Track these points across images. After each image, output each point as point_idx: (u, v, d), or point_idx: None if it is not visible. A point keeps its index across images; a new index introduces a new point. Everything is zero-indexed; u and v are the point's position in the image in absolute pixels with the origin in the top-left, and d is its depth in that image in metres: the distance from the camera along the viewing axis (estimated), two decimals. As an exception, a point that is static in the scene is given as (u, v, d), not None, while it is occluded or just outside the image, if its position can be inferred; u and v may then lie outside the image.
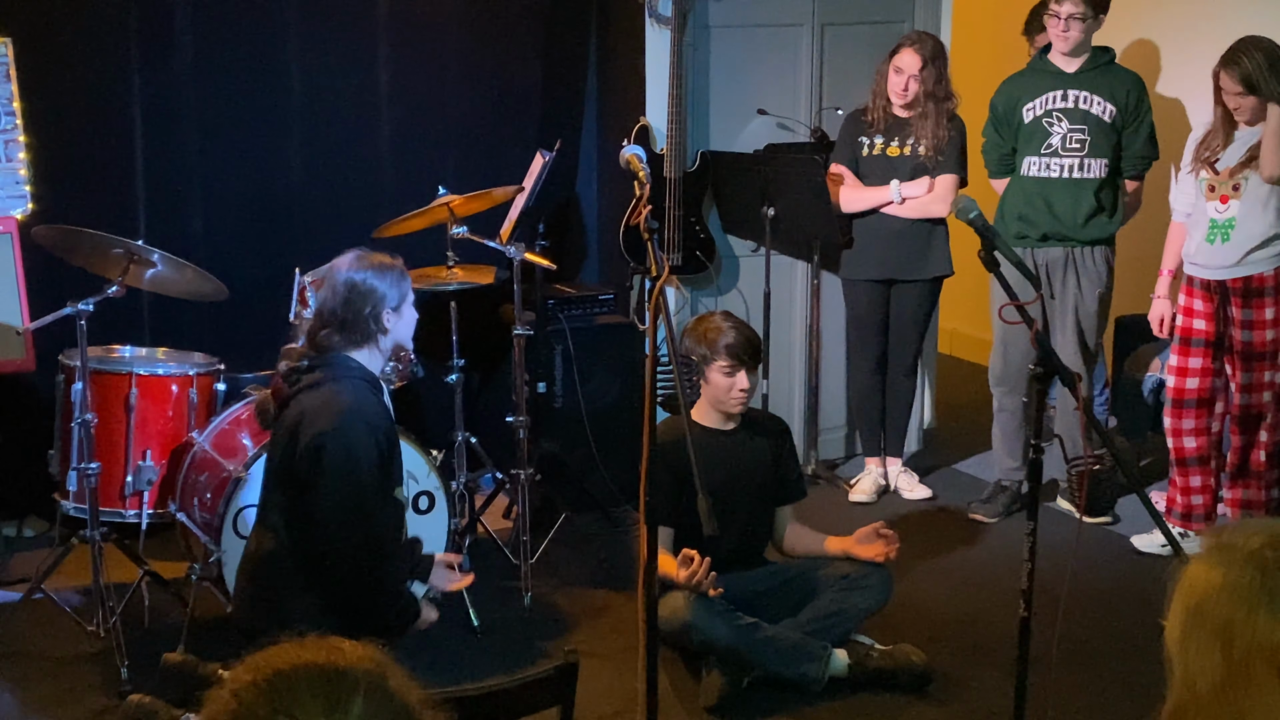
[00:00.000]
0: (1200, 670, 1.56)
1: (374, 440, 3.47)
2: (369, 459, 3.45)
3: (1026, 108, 5.23)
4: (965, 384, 7.05)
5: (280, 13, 5.31)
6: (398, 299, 3.60)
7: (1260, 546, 1.57)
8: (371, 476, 3.46)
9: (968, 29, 6.55)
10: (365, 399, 3.51)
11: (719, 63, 5.63)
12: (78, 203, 4.92)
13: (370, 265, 3.60)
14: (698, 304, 5.69)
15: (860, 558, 4.20)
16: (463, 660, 4.23)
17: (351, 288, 3.56)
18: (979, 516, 5.43)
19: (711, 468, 3.95)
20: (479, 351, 5.23)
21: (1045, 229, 5.21)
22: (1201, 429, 4.95)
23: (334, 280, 3.61)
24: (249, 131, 5.32)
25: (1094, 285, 5.25)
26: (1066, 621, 3.79)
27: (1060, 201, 5.18)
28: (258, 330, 4.94)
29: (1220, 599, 1.55)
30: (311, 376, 3.54)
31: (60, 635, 4.32)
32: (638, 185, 3.29)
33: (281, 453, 3.55)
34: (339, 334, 3.57)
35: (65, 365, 4.36)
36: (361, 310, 3.55)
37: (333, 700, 1.38)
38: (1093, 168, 5.16)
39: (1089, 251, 5.23)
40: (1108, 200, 5.21)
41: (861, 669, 4.08)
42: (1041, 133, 5.20)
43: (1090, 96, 5.15)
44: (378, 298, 3.56)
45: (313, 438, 3.43)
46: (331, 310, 3.58)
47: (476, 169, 5.44)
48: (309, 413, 3.48)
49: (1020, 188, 5.27)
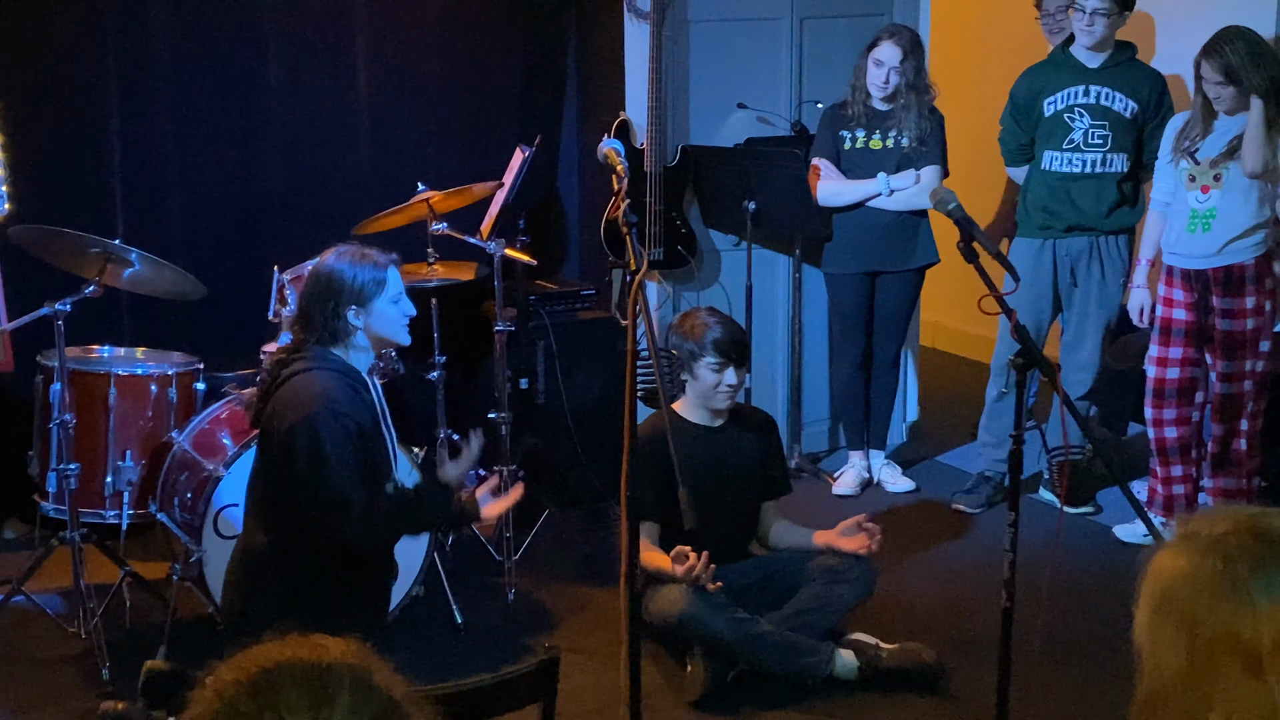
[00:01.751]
0: (1167, 659, 1.56)
1: (344, 430, 3.39)
2: (338, 452, 3.38)
3: (1048, 101, 5.22)
4: (948, 377, 7.06)
5: (258, 11, 5.29)
6: (368, 295, 3.51)
7: (1224, 533, 1.57)
8: (343, 467, 3.39)
9: (947, 22, 6.55)
10: (336, 389, 3.43)
11: (699, 57, 5.63)
12: (55, 202, 4.90)
13: (342, 260, 3.53)
14: (680, 299, 5.69)
15: (843, 550, 4.20)
16: (446, 657, 4.22)
17: (316, 282, 3.53)
18: (961, 507, 5.44)
19: (698, 463, 3.95)
20: (460, 348, 5.21)
21: (1070, 221, 5.22)
22: (1183, 419, 4.97)
23: (310, 272, 3.59)
24: (227, 129, 5.30)
25: (1117, 273, 5.28)
26: (1049, 612, 3.80)
27: (1084, 195, 5.19)
28: (237, 329, 4.92)
29: (1185, 587, 1.55)
30: (289, 370, 3.51)
31: (41, 637, 4.30)
32: (615, 179, 3.28)
33: (262, 447, 3.55)
34: (305, 330, 3.54)
35: (44, 366, 4.34)
36: (325, 306, 3.49)
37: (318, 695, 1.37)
38: (1115, 162, 5.17)
39: (1112, 240, 5.25)
40: (1130, 191, 5.23)
41: (872, 669, 4.06)
42: (1063, 127, 5.20)
43: (1113, 93, 5.14)
44: (342, 294, 3.48)
45: (284, 431, 3.42)
46: (301, 305, 3.57)
47: (456, 165, 5.43)
48: (280, 405, 3.47)
49: (1043, 181, 5.27)
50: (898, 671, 4.05)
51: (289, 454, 3.41)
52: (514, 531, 4.69)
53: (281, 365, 3.55)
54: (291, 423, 3.40)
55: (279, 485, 3.48)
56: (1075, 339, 5.33)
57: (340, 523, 3.41)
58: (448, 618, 4.40)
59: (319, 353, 3.52)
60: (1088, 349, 5.31)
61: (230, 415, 4.38)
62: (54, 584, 4.49)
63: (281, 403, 3.47)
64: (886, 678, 4.04)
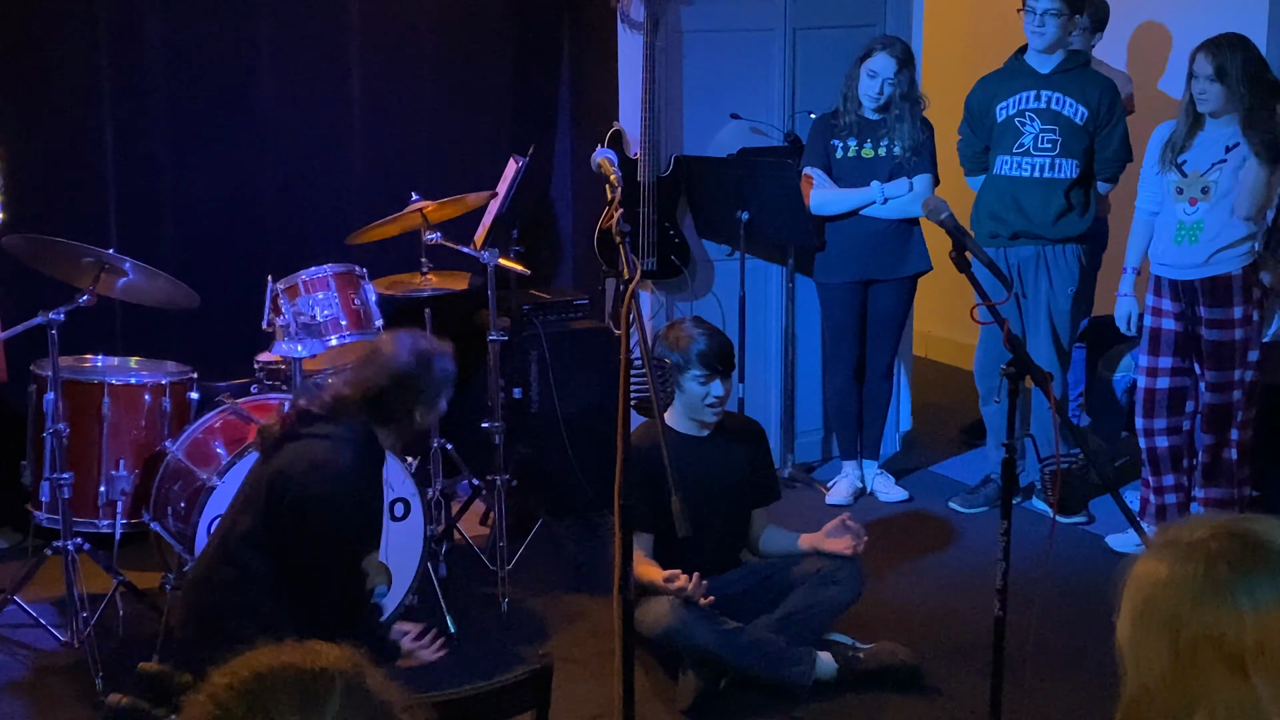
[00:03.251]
0: (1150, 663, 1.57)
1: (359, 513, 3.44)
2: (350, 528, 3.43)
3: (1000, 106, 5.26)
4: (941, 386, 7.07)
5: (252, 20, 5.30)
6: (437, 396, 3.56)
7: (1204, 538, 1.59)
8: (351, 544, 3.44)
9: (938, 33, 6.57)
10: (363, 469, 3.45)
11: (692, 67, 5.64)
12: (49, 212, 4.91)
13: (426, 356, 3.53)
14: (673, 308, 5.70)
15: (829, 551, 4.21)
16: (439, 666, 4.21)
17: (402, 379, 3.50)
18: (955, 506, 5.51)
19: (687, 473, 3.94)
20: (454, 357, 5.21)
21: (1016, 227, 5.25)
22: (1173, 428, 4.97)
23: (385, 359, 3.53)
24: (220, 139, 5.31)
25: (1066, 283, 5.28)
26: (1042, 621, 3.81)
27: (1030, 200, 5.21)
28: (231, 338, 4.92)
29: (1167, 592, 1.57)
30: (322, 428, 3.47)
31: (34, 646, 4.30)
32: (609, 188, 3.29)
33: (266, 490, 3.47)
34: (368, 411, 3.50)
35: (37, 375, 4.34)
36: (402, 403, 3.50)
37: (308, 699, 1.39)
38: (1064, 168, 5.20)
39: (1060, 250, 5.26)
40: (1078, 199, 5.24)
41: (850, 671, 4.08)
42: (1014, 131, 5.23)
43: (1063, 98, 5.18)
44: (423, 395, 3.52)
45: (300, 493, 3.40)
46: (373, 388, 3.49)
47: (449, 175, 5.43)
48: (303, 463, 3.43)
49: (993, 187, 5.31)
50: (876, 671, 4.08)
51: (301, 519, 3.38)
52: (507, 541, 4.69)
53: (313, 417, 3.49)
54: (312, 493, 3.38)
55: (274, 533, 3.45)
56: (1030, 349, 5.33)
57: (323, 598, 3.43)
58: (440, 626, 4.40)
59: (363, 425, 3.49)
60: (1043, 359, 5.27)
61: (224, 424, 4.38)
62: (47, 593, 4.48)
63: (304, 463, 3.42)
64: (864, 678, 4.07)
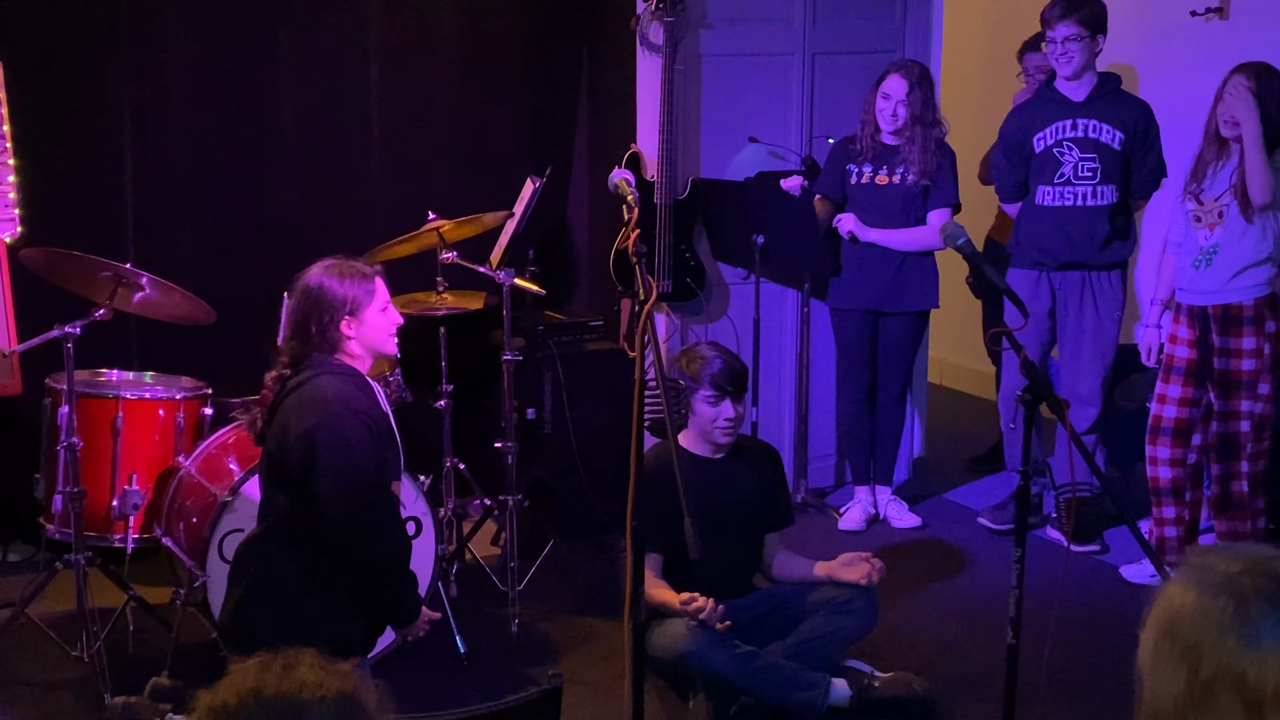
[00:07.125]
0: (1166, 688, 1.56)
1: (363, 425, 3.45)
2: (361, 444, 3.44)
3: (1037, 137, 5.25)
4: (955, 413, 7.05)
5: (271, 37, 5.32)
6: (359, 304, 3.57)
7: (1239, 573, 1.57)
8: (368, 462, 3.45)
9: (958, 58, 6.58)
10: (349, 390, 3.50)
11: (710, 91, 5.65)
12: (66, 226, 4.92)
13: (330, 273, 3.59)
14: (687, 331, 5.69)
15: (844, 580, 4.19)
16: (448, 687, 4.21)
17: (307, 296, 3.57)
18: (985, 522, 5.51)
19: (700, 496, 3.92)
20: (468, 377, 5.22)
21: (1063, 258, 5.25)
22: (1177, 459, 4.93)
23: (296, 289, 3.63)
24: (238, 155, 5.33)
25: (1112, 308, 5.28)
26: (1055, 651, 3.78)
27: (1077, 229, 5.21)
28: (246, 355, 4.89)
29: (1192, 620, 1.55)
30: (295, 380, 3.54)
31: (44, 660, 4.29)
32: (626, 209, 3.29)
33: (273, 457, 3.54)
34: (302, 343, 3.57)
35: (52, 389, 4.35)
36: (320, 318, 3.54)
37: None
38: (1105, 194, 5.19)
39: (1105, 276, 5.26)
40: (1122, 224, 5.24)
41: (863, 699, 4.05)
42: (1054, 162, 5.22)
43: (1099, 125, 5.17)
44: (334, 305, 3.54)
45: (301, 434, 3.43)
46: (294, 321, 3.60)
47: (466, 194, 5.44)
48: (294, 411, 3.48)
49: (1035, 217, 5.29)
50: (890, 701, 4.05)
51: (310, 454, 3.41)
52: (518, 561, 4.68)
53: (285, 379, 3.57)
54: (309, 425, 3.43)
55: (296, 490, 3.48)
56: (1071, 375, 5.34)
57: (363, 510, 3.45)
58: (450, 646, 4.39)
59: (322, 360, 3.56)
60: (1087, 386, 5.30)
61: (237, 440, 4.38)
62: (57, 607, 4.48)
63: (294, 410, 3.48)
64: (878, 708, 4.04)
